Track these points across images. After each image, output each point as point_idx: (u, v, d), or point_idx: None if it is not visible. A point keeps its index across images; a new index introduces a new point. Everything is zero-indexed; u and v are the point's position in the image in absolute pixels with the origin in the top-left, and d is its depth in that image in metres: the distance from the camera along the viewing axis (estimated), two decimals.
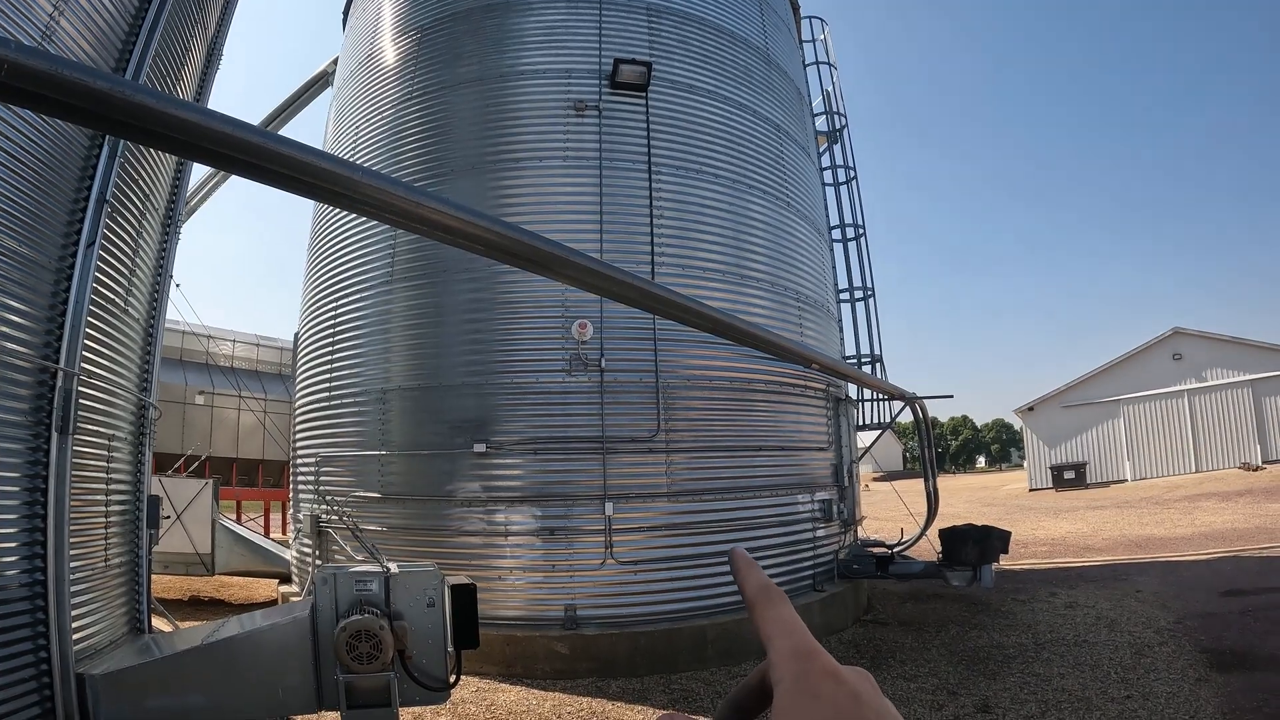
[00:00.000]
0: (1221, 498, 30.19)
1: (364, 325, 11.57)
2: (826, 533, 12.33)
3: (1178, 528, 22.49)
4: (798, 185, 13.49)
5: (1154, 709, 7.64)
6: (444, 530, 10.44)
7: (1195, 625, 10.73)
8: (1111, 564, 16.78)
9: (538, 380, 10.38)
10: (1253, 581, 13.32)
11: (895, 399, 14.67)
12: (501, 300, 10.66)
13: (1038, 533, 24.07)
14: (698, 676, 9.39)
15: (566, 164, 11.05)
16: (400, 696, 6.41)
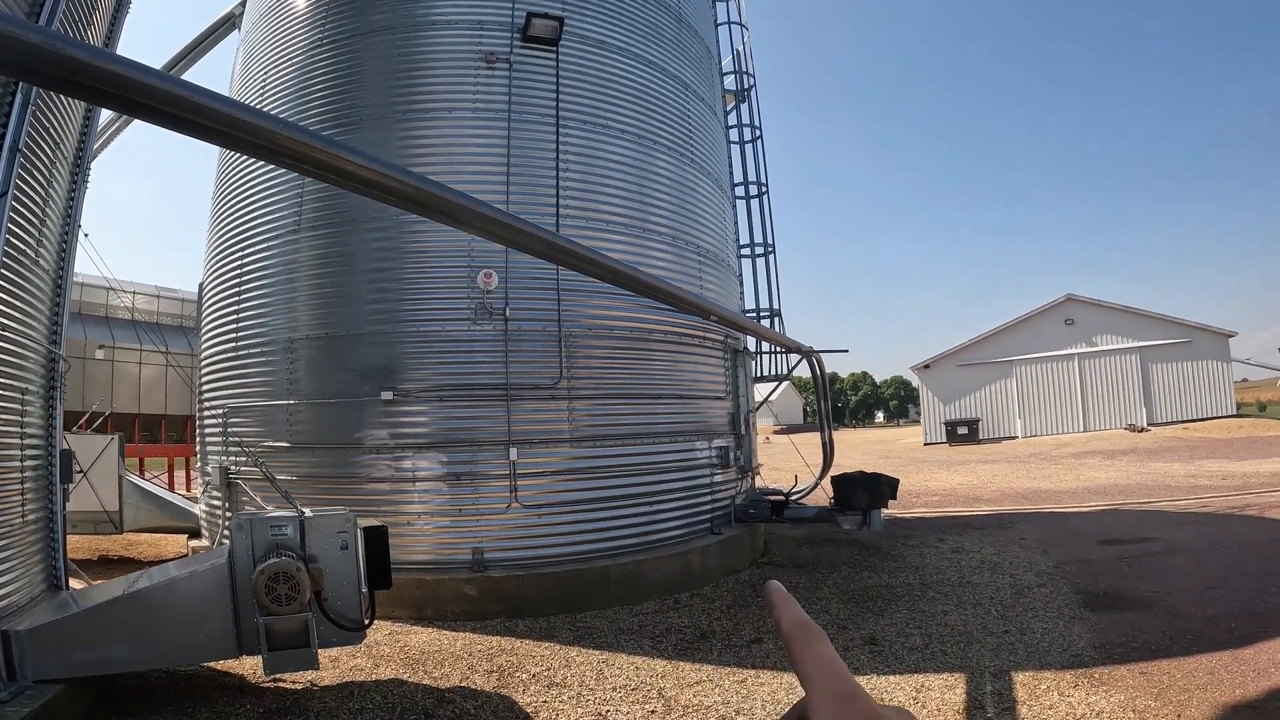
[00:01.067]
0: (1106, 456, 31.49)
1: (270, 274, 11.42)
2: (724, 479, 12.71)
3: (1063, 482, 23.54)
4: (703, 142, 13.68)
5: (1030, 643, 8.08)
6: (353, 478, 10.50)
7: (1073, 569, 11.30)
8: (998, 514, 17.54)
9: (444, 329, 10.45)
10: (1129, 532, 14.04)
11: (792, 352, 15.01)
12: (409, 249, 10.67)
13: (930, 484, 24.98)
14: (602, 615, 9.68)
15: (476, 116, 11.03)
16: (318, 638, 6.55)
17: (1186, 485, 20.39)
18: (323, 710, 6.58)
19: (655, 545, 11.13)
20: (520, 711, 6.65)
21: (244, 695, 6.90)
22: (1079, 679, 6.99)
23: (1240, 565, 10.78)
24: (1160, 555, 11.84)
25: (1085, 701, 6.47)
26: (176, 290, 32.63)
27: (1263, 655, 7.28)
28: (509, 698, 6.95)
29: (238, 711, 6.50)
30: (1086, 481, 23.23)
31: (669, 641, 8.62)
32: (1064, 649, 7.87)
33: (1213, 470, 23.35)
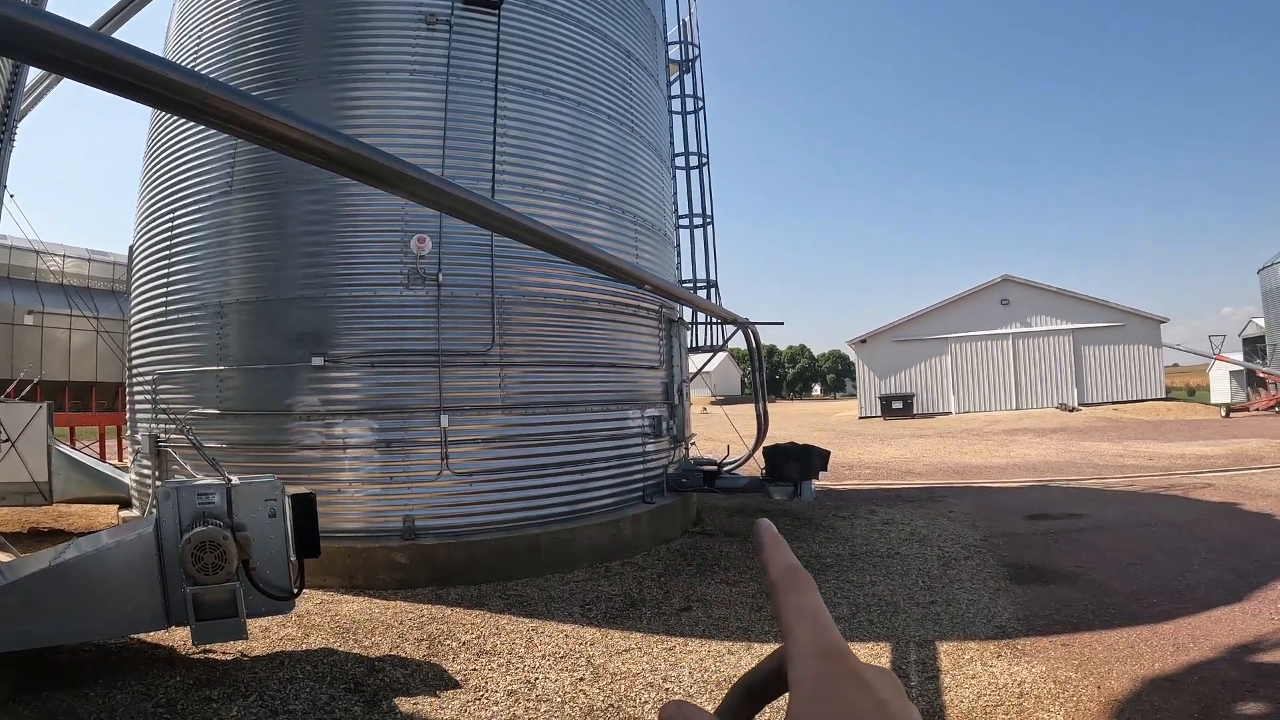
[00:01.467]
0: (1037, 433, 32.14)
1: (201, 237, 11.13)
2: (656, 448, 12.74)
3: (994, 458, 23.97)
4: (644, 111, 13.60)
5: (955, 614, 8.24)
6: (283, 445, 10.33)
7: (1000, 543, 11.52)
8: (929, 487, 17.84)
9: (376, 294, 10.29)
10: (1057, 508, 14.34)
11: (728, 323, 15.07)
12: (342, 213, 10.48)
13: (863, 456, 25.36)
14: (532, 583, 9.68)
15: (414, 78, 10.81)
16: (246, 607, 6.48)
17: (1114, 465, 20.86)
18: (252, 680, 6.50)
19: (586, 513, 11.14)
20: (450, 679, 6.64)
21: (174, 667, 6.78)
22: (1002, 649, 7.14)
23: (1163, 544, 11.03)
24: (1086, 532, 12.08)
25: (1008, 672, 6.61)
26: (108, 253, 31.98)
27: (1182, 631, 7.48)
28: (439, 666, 6.94)
29: (167, 684, 6.39)
30: (1017, 458, 23.69)
31: (599, 609, 8.66)
32: (988, 620, 8.02)
33: (1140, 451, 23.88)
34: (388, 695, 6.26)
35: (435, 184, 6.38)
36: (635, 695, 6.31)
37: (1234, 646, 7.05)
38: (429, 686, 6.49)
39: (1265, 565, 9.66)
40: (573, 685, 6.50)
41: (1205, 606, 8.19)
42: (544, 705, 6.10)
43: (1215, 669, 6.56)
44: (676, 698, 0.57)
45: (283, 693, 6.25)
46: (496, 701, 6.16)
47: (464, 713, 5.96)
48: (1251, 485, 15.88)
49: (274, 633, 7.77)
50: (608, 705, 6.11)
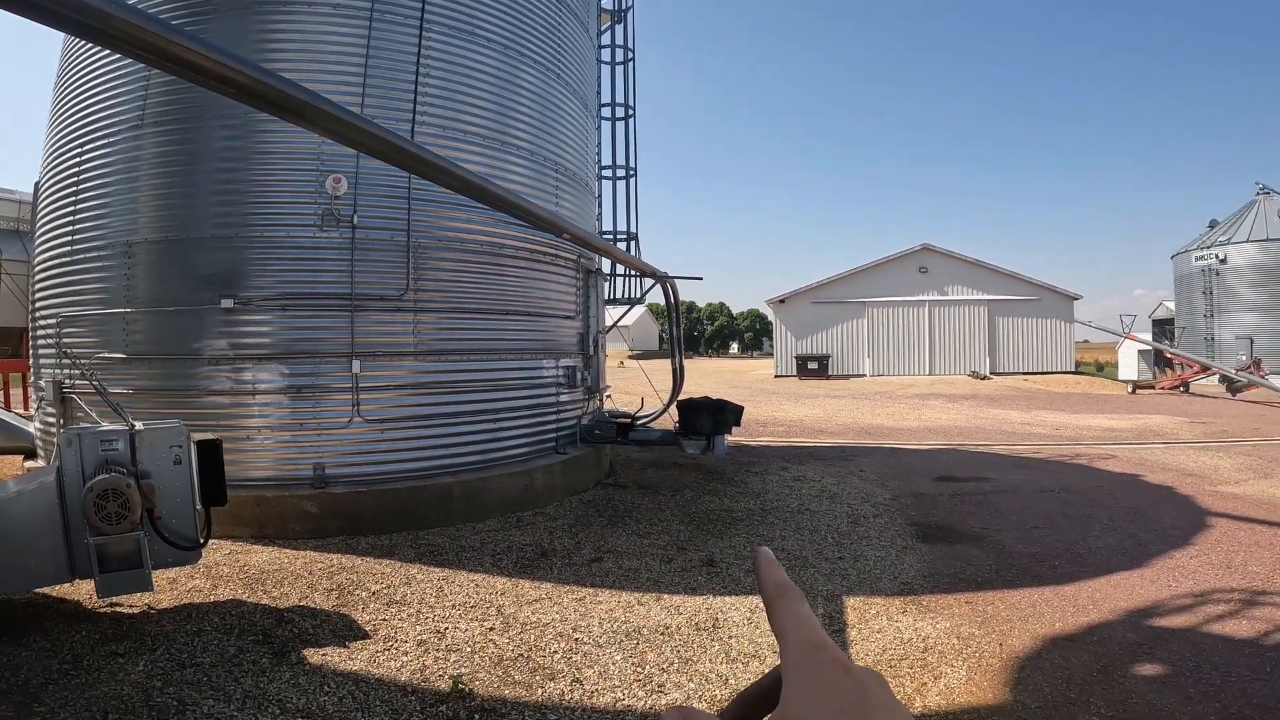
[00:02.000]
0: (949, 399, 32.86)
1: (110, 173, 10.62)
2: (570, 398, 12.74)
3: (906, 420, 24.48)
4: (572, 59, 13.40)
5: (862, 569, 8.44)
6: (192, 390, 10.02)
7: (908, 503, 11.82)
8: (841, 446, 18.16)
9: (289, 234, 10.01)
10: (965, 471, 14.72)
11: (646, 276, 15.09)
12: (257, 150, 10.11)
13: (778, 414, 25.67)
14: (444, 532, 9.65)
15: (337, 12, 10.39)
16: (152, 558, 6.36)
17: (1022, 432, 21.41)
18: (160, 634, 6.35)
19: (499, 463, 11.11)
20: (359, 629, 6.60)
21: (79, 622, 6.59)
22: (907, 605, 7.33)
23: (1066, 509, 11.40)
24: (992, 495, 12.42)
25: (912, 627, 6.80)
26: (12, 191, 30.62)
27: (1082, 593, 7.76)
28: (348, 616, 6.88)
29: (73, 639, 6.20)
30: (928, 421, 24.23)
31: (510, 559, 8.67)
32: (895, 577, 8.23)
33: (1048, 421, 24.54)
34: (297, 646, 6.19)
35: (352, 120, 6.21)
36: (545, 645, 6.34)
37: (1132, 610, 7.34)
38: (338, 637, 6.44)
39: (1163, 534, 10.06)
40: (483, 635, 6.51)
41: (1105, 571, 8.51)
42: (454, 655, 6.10)
43: (1114, 631, 6.82)
44: (679, 704, 0.60)
45: (190, 646, 6.14)
46: (406, 652, 6.15)
47: (373, 663, 5.93)
48: (1153, 459, 16.44)
49: (181, 584, 7.61)
50: (517, 655, 6.13)
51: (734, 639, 6.50)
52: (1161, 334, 52.57)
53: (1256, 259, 40.48)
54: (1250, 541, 9.74)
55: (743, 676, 5.79)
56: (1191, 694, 5.59)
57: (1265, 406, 29.91)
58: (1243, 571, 8.50)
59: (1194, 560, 8.93)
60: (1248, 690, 5.64)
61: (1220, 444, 19.15)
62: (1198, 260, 43.49)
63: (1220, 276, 42.00)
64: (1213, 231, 44.22)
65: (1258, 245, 40.37)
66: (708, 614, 7.05)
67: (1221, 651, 6.34)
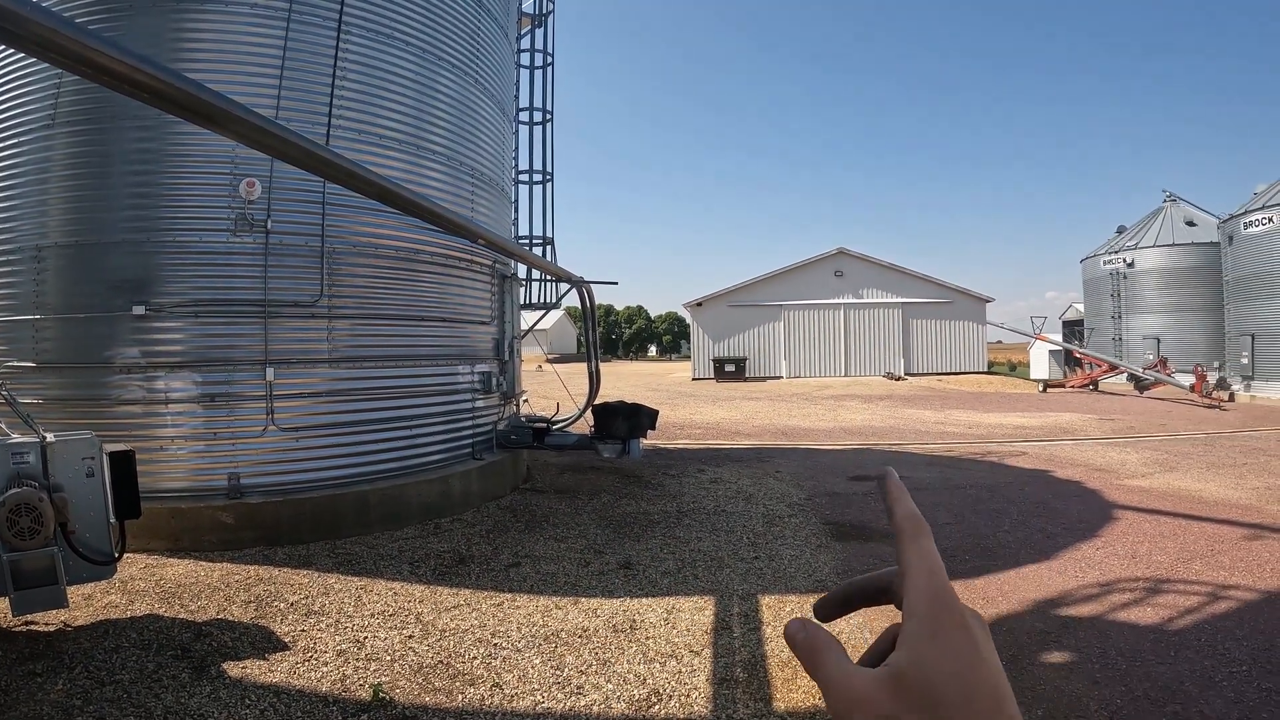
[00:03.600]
0: (864, 400, 33.44)
1: (19, 174, 10.27)
2: (486, 404, 12.75)
3: (821, 421, 24.88)
4: (490, 64, 13.39)
5: (778, 568, 8.59)
6: (104, 400, 9.77)
7: (823, 502, 12.03)
8: (758, 448, 18.42)
9: (201, 239, 9.82)
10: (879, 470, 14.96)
11: (562, 281, 15.16)
12: (171, 152, 9.89)
13: (695, 417, 25.95)
14: (361, 540, 9.59)
15: (254, 13, 10.20)
16: (67, 574, 6.22)
17: (935, 431, 21.93)
18: (77, 651, 6.21)
19: (416, 470, 11.08)
20: (278, 641, 6.55)
21: None
22: None
23: (976, 505, 11.74)
24: None
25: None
26: None
27: (991, 586, 8.06)
28: (266, 628, 6.82)
29: None
30: (843, 422, 24.68)
31: (428, 566, 8.67)
32: (809, 575, 8.41)
33: (961, 420, 25.13)
34: (216, 660, 6.13)
35: (264, 125, 6.15)
36: (464, 651, 6.37)
37: (1041, 600, 7.65)
38: (257, 649, 6.38)
39: (1071, 527, 10.46)
40: (402, 643, 6.52)
41: (1014, 564, 8.84)
42: (374, 664, 6.10)
43: (1023, 621, 7.11)
44: (798, 616, 0.66)
45: (109, 662, 6.03)
46: (326, 662, 6.13)
47: (293, 674, 5.91)
48: (1062, 455, 16.99)
49: (97, 600, 7.44)
50: (437, 662, 6.16)
51: (651, 640, 6.61)
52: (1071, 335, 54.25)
53: (1163, 263, 41.92)
54: (1155, 532, 10.18)
55: (660, 676, 5.90)
56: (1098, 678, 5.87)
57: (1171, 404, 31.13)
58: (1147, 561, 8.89)
59: (1100, 552, 9.31)
60: (1152, 673, 5.94)
61: (1127, 439, 19.91)
62: (1106, 264, 44.89)
63: (1128, 280, 43.41)
64: (1121, 236, 45.69)
65: (1164, 250, 41.85)
66: (625, 616, 7.15)
67: (1127, 638, 6.67)
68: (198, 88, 5.41)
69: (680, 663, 6.15)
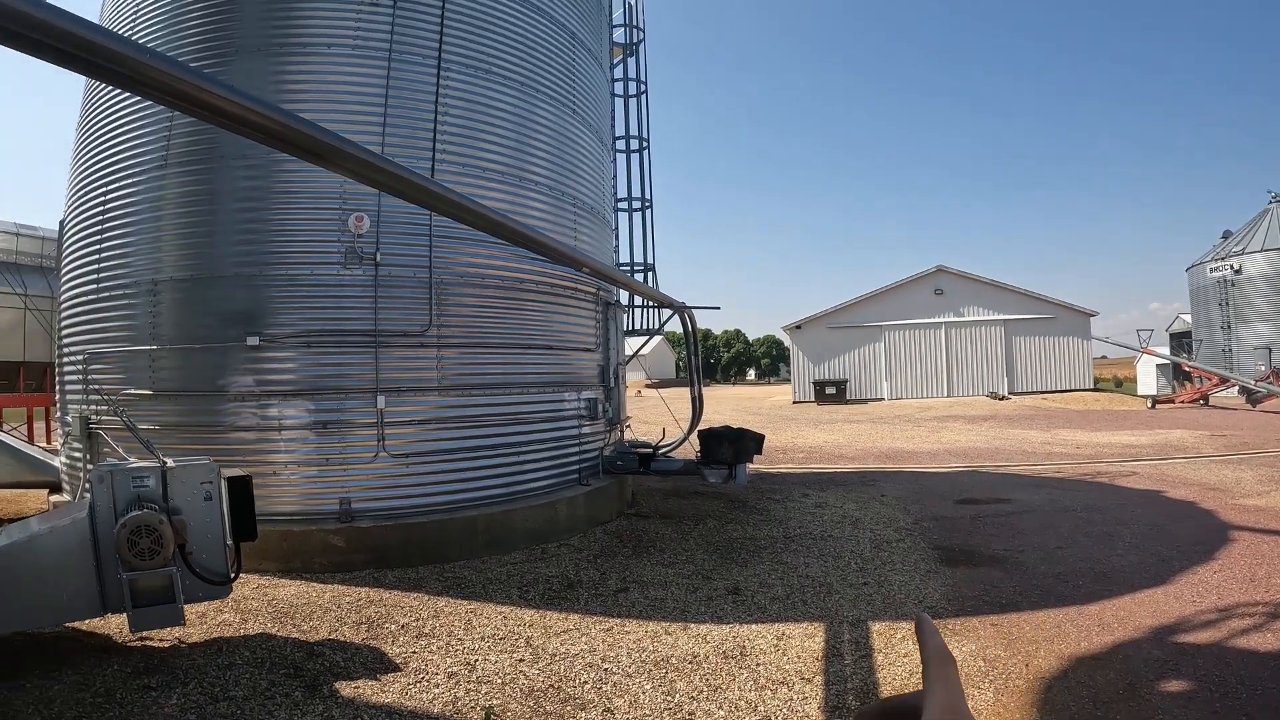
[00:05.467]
0: (968, 420, 32.72)
1: (135, 212, 10.81)
2: (592, 430, 12.82)
3: (925, 443, 24.37)
4: (587, 94, 13.58)
5: (887, 594, 8.42)
6: (218, 426, 10.16)
7: (931, 526, 11.77)
8: (861, 471, 18.11)
9: (312, 273, 10.16)
10: (986, 493, 14.67)
11: (664, 307, 15.17)
12: (278, 189, 10.30)
13: (797, 440, 25.63)
14: (469, 565, 9.70)
15: (356, 53, 10.63)
16: (183, 593, 6.42)
17: (1042, 452, 21.33)
18: (191, 667, 6.42)
19: (523, 495, 11.18)
20: (390, 662, 6.64)
21: (110, 656, 6.67)
22: None
23: (1087, 528, 11.34)
24: (1013, 516, 12.38)
25: None
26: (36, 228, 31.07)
27: (1106, 611, 7.74)
28: (378, 649, 6.93)
29: (105, 672, 6.28)
30: (947, 444, 24.15)
31: (537, 591, 8.71)
32: (919, 601, 8.23)
33: (1067, 439, 24.42)
34: (328, 679, 6.24)
35: (374, 160, 6.34)
36: (575, 675, 6.36)
37: (1157, 627, 7.31)
38: (369, 670, 6.49)
39: (1186, 550, 10.01)
40: (512, 666, 6.55)
41: (1129, 589, 8.48)
42: (484, 686, 6.14)
43: (1139, 648, 6.81)
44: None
45: (222, 679, 6.20)
46: (437, 684, 6.19)
47: (405, 695, 5.98)
48: (1174, 474, 16.37)
49: (211, 618, 7.68)
50: (548, 685, 6.16)
51: (761, 666, 6.52)
52: (1179, 347, 52.27)
53: (1271, 268, 40.32)
54: (1274, 554, 9.71)
55: (772, 703, 5.81)
56: (1218, 709, 5.59)
57: None
58: (1267, 584, 8.48)
59: (1217, 575, 8.90)
60: (1274, 703, 5.64)
61: (1241, 456, 19.08)
62: (1213, 272, 43.38)
63: (1235, 287, 41.88)
64: (1226, 242, 44.11)
65: (1272, 254, 40.19)
66: (735, 642, 7.08)
67: (1247, 665, 6.34)
68: (312, 127, 5.61)
69: (792, 690, 6.06)
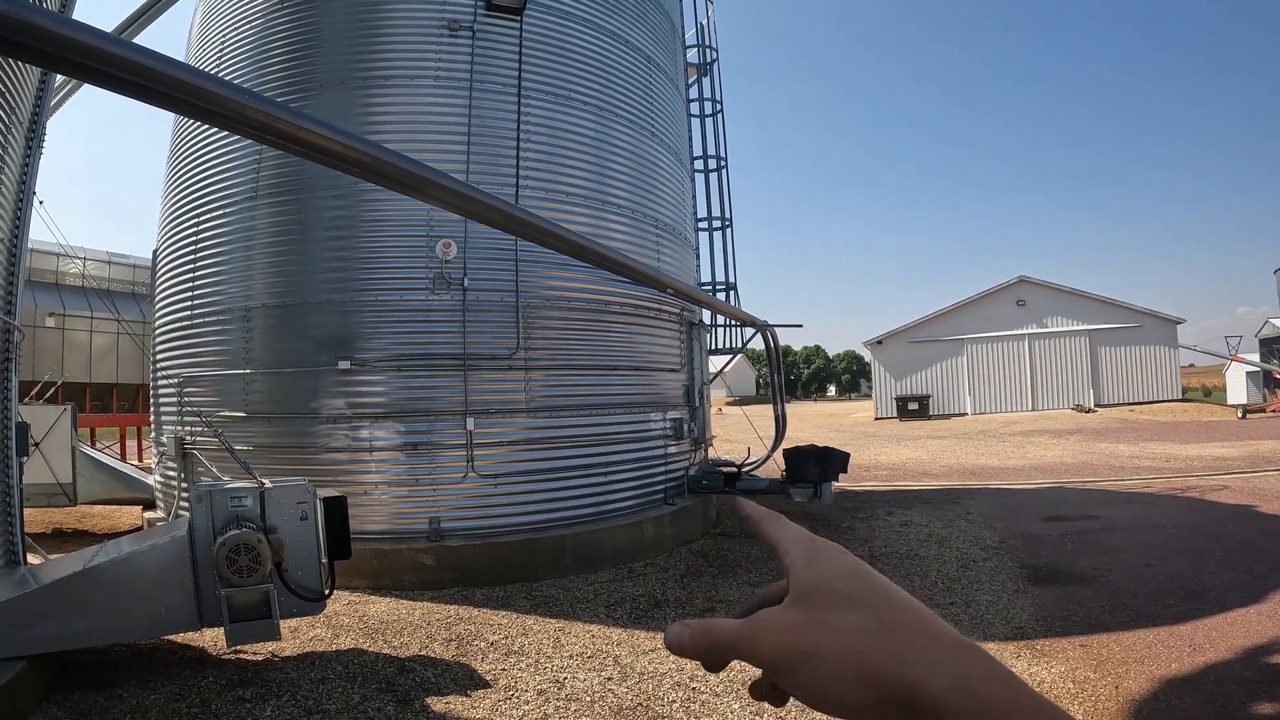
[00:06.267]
0: (1054, 435, 31.99)
1: (226, 242, 11.27)
2: (678, 450, 12.86)
3: (1010, 459, 23.88)
4: (664, 115, 13.69)
5: (975, 614, 8.28)
6: (310, 447, 10.47)
7: (1018, 544, 11.52)
8: (946, 488, 17.82)
9: (401, 298, 10.43)
10: (1073, 509, 14.34)
11: (747, 325, 15.15)
12: (366, 218, 10.61)
13: (880, 458, 25.27)
14: (557, 584, 9.77)
15: (438, 84, 10.94)
16: (279, 608, 6.60)
17: (1130, 466, 20.79)
18: (284, 680, 6.61)
19: (609, 515, 11.26)
20: (480, 679, 6.72)
21: (205, 667, 6.90)
22: (1021, 650, 7.18)
23: (1178, 545, 11.01)
24: (1102, 533, 12.09)
25: (1027, 672, 6.64)
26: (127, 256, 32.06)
27: (1198, 632, 7.50)
28: (468, 665, 7.02)
29: (199, 683, 6.50)
30: (1033, 459, 23.63)
31: (624, 610, 8.73)
32: (1007, 621, 8.06)
33: (1156, 452, 23.76)
34: (419, 695, 6.35)
35: (460, 189, 6.47)
36: (663, 694, 6.37)
37: (1250, 648, 7.08)
38: (460, 686, 6.58)
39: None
40: (601, 685, 6.58)
41: (1221, 608, 8.21)
42: (573, 704, 6.18)
43: (1231, 670, 6.60)
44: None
45: (315, 693, 6.36)
46: (527, 701, 6.24)
47: (495, 712, 6.04)
48: (1268, 487, 15.83)
49: (303, 633, 7.88)
50: (636, 704, 6.19)
51: None
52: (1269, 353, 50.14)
53: None
54: None
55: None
56: None
57: None
58: None
59: None
60: None
61: None
62: None
63: None
64: None
65: None
66: None
67: None
68: (402, 159, 5.74)
69: None
